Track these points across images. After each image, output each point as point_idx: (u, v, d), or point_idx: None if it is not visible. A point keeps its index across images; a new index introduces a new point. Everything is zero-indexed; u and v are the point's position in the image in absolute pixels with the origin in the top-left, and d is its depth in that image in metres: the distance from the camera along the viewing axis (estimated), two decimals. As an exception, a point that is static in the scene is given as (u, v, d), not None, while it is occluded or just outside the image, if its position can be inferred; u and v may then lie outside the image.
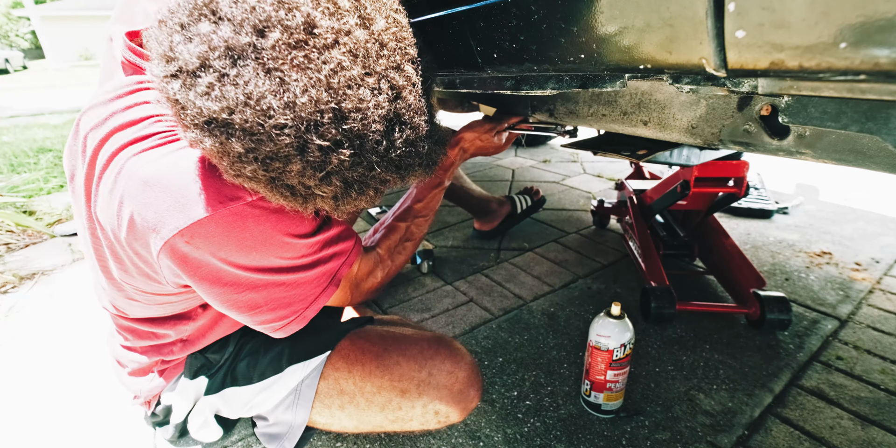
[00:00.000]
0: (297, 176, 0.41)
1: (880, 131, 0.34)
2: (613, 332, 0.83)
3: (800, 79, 0.31)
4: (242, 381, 0.70)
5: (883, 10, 0.20)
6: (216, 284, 0.52)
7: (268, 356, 0.70)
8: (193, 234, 0.48)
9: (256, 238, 0.50)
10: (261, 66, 0.37)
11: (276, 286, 0.55)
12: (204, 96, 0.38)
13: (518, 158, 2.85)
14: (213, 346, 0.71)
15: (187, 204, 0.48)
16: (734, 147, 0.54)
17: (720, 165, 1.13)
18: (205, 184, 0.48)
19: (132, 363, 0.71)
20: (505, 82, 0.60)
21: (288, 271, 0.55)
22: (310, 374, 0.69)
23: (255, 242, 0.50)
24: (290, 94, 0.37)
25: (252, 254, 0.51)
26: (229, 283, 0.53)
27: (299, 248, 0.54)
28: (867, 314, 1.20)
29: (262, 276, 0.53)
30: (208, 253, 0.49)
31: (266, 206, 0.50)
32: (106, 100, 0.55)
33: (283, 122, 0.38)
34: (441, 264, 1.53)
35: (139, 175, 0.49)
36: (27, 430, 0.94)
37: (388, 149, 0.43)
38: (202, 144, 0.41)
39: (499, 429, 0.88)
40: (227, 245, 0.49)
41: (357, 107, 0.39)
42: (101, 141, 0.52)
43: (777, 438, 0.84)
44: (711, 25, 0.27)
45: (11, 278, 1.56)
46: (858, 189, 2.14)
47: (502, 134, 0.95)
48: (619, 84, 0.49)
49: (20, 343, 1.23)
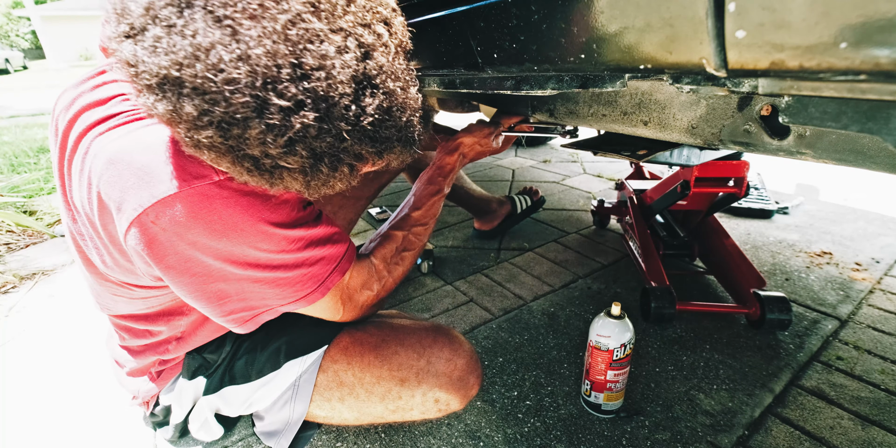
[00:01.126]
0: (258, 143, 0.37)
1: (880, 131, 0.34)
2: (613, 332, 0.83)
3: (800, 79, 0.31)
4: (241, 380, 0.69)
5: (883, 10, 0.20)
6: (185, 273, 0.49)
7: (265, 353, 0.69)
8: (158, 214, 0.45)
9: (226, 221, 0.47)
10: (210, 15, 0.34)
11: (250, 281, 0.51)
12: (152, 52, 0.35)
13: (518, 158, 2.85)
14: (210, 345, 0.71)
15: (150, 181, 0.45)
16: (734, 147, 0.54)
17: (720, 165, 1.13)
18: (169, 161, 0.45)
19: (130, 362, 0.71)
20: (505, 82, 0.60)
21: (265, 268, 0.51)
22: (308, 368, 0.68)
23: (225, 226, 0.47)
24: (242, 45, 0.34)
25: (223, 239, 0.47)
26: (199, 273, 0.49)
27: (277, 241, 0.50)
28: (867, 314, 1.20)
29: (235, 269, 0.50)
30: (175, 235, 0.46)
31: (237, 187, 0.47)
32: (77, 82, 0.54)
33: (235, 76, 0.34)
34: (441, 264, 1.53)
35: (104, 153, 0.46)
36: (28, 430, 0.94)
37: (359, 115, 0.39)
38: (156, 110, 0.37)
39: (499, 429, 0.88)
40: (194, 227, 0.46)
41: (320, 64, 0.36)
42: (70, 122, 0.51)
43: (777, 438, 0.84)
44: (712, 25, 0.26)
45: (12, 278, 1.56)
46: (858, 189, 2.14)
47: (500, 137, 0.95)
48: (619, 84, 0.49)
49: (21, 343, 1.23)
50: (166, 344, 0.68)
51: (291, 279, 0.53)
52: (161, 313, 0.65)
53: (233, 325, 0.57)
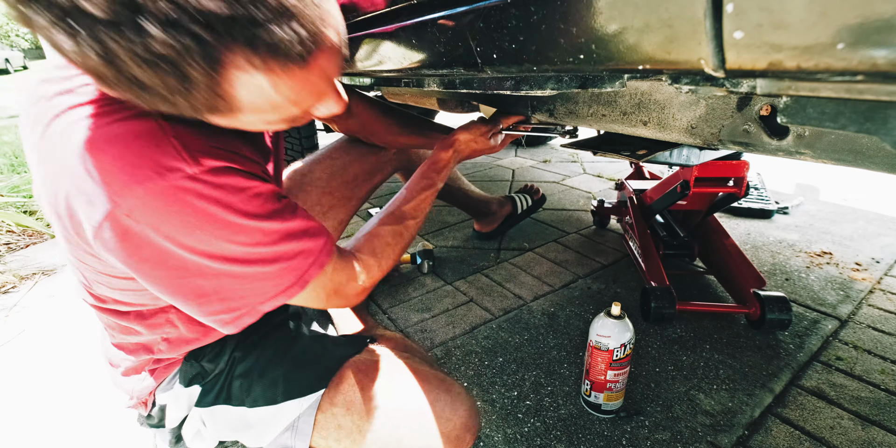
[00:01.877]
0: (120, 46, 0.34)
1: (878, 131, 0.34)
2: (613, 332, 0.83)
3: (798, 79, 0.31)
4: (235, 402, 0.69)
5: (881, 11, 0.20)
6: (160, 267, 0.48)
7: (262, 381, 0.69)
8: (132, 207, 0.44)
9: (200, 215, 0.46)
10: None
11: (228, 277, 0.51)
12: None
13: (518, 158, 2.85)
14: (208, 353, 0.70)
15: (121, 175, 0.44)
16: (734, 147, 0.54)
17: (720, 165, 1.13)
18: (142, 154, 0.45)
19: (125, 361, 0.71)
20: (505, 82, 0.60)
21: (243, 262, 0.50)
22: (306, 410, 0.68)
23: (200, 220, 0.46)
24: None
25: (197, 232, 0.47)
26: (175, 267, 0.49)
27: (252, 233, 0.50)
28: (867, 314, 1.20)
29: (212, 264, 0.49)
30: (150, 227, 0.45)
31: (210, 180, 0.47)
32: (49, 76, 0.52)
33: None
34: (441, 264, 1.53)
35: (71, 147, 0.45)
36: (29, 430, 0.94)
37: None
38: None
39: (499, 429, 0.88)
40: (168, 220, 0.45)
41: None
42: (37, 114, 0.50)
43: (777, 438, 0.84)
44: (710, 26, 0.27)
45: (12, 278, 1.56)
46: (858, 189, 2.14)
47: (499, 136, 0.95)
48: (618, 84, 0.49)
49: (21, 343, 1.23)
50: (156, 345, 0.68)
51: (270, 274, 0.52)
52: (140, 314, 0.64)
53: (217, 326, 0.56)
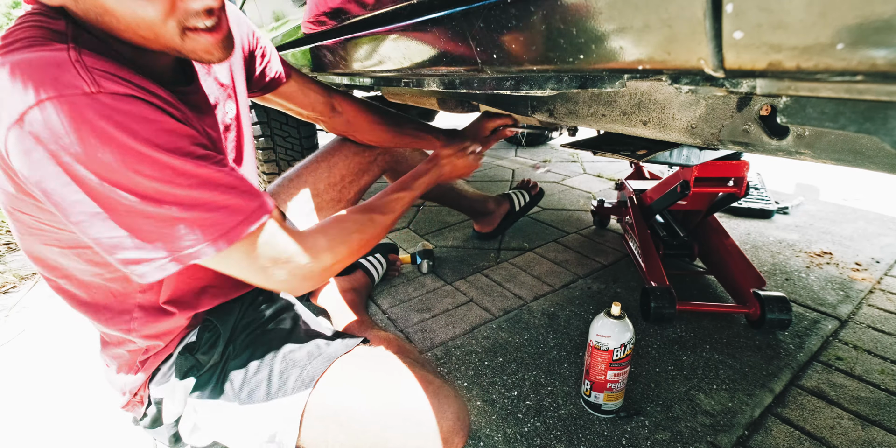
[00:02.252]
0: None
1: (878, 132, 0.34)
2: (613, 332, 0.83)
3: (798, 79, 0.31)
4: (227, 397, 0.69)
5: (880, 11, 0.20)
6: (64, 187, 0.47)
7: (254, 379, 0.69)
8: (32, 121, 0.44)
9: (101, 135, 0.45)
10: None
11: (140, 217, 0.49)
12: None
13: (518, 158, 2.85)
14: (202, 346, 0.71)
15: (20, 91, 0.44)
16: (734, 147, 0.54)
17: (720, 165, 1.13)
18: (43, 72, 0.44)
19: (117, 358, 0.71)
20: (505, 82, 0.60)
21: (155, 201, 0.48)
22: (292, 410, 0.67)
23: (101, 141, 0.45)
24: None
25: (99, 155, 0.45)
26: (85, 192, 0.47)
27: (160, 167, 0.48)
28: (867, 314, 1.20)
29: (121, 196, 0.47)
30: (52, 142, 0.44)
31: (110, 103, 0.46)
32: None
33: None
34: (441, 264, 1.53)
35: None
36: (29, 431, 0.94)
37: None
38: None
39: (499, 429, 0.88)
40: (70, 135, 0.44)
41: None
42: None
43: (777, 438, 0.84)
44: (709, 26, 0.27)
45: (12, 278, 1.56)
46: (858, 189, 2.14)
47: (475, 155, 1.01)
48: (618, 84, 0.49)
49: (21, 343, 1.23)
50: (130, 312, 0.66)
51: (187, 220, 0.50)
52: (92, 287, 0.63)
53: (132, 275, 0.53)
